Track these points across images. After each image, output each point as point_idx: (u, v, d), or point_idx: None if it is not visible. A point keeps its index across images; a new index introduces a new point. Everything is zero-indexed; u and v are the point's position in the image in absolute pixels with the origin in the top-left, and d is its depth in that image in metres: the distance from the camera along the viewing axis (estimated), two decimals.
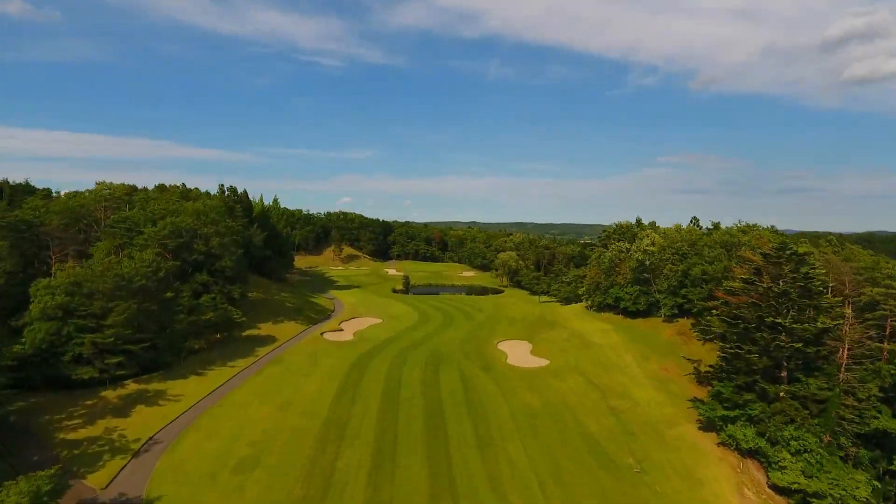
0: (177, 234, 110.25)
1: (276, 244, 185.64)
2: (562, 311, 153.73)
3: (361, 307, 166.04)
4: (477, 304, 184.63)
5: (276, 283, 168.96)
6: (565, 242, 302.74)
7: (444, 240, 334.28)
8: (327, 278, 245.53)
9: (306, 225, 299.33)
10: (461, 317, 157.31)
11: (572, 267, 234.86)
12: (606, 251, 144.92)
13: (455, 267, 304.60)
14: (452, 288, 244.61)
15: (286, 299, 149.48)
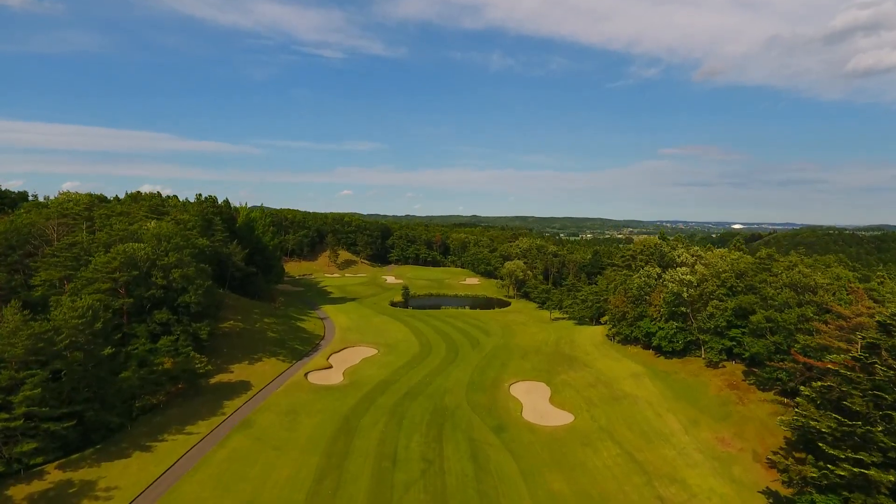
0: (131, 264, 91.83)
1: (262, 258, 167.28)
2: (580, 340, 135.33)
3: (355, 331, 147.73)
4: (483, 324, 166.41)
5: (259, 305, 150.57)
6: (575, 247, 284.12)
7: (445, 243, 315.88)
8: (320, 289, 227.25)
9: (300, 229, 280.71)
10: (466, 345, 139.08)
11: (583, 277, 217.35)
12: (633, 274, 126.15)
13: (457, 273, 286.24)
14: (455, 300, 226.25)
15: (269, 327, 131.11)
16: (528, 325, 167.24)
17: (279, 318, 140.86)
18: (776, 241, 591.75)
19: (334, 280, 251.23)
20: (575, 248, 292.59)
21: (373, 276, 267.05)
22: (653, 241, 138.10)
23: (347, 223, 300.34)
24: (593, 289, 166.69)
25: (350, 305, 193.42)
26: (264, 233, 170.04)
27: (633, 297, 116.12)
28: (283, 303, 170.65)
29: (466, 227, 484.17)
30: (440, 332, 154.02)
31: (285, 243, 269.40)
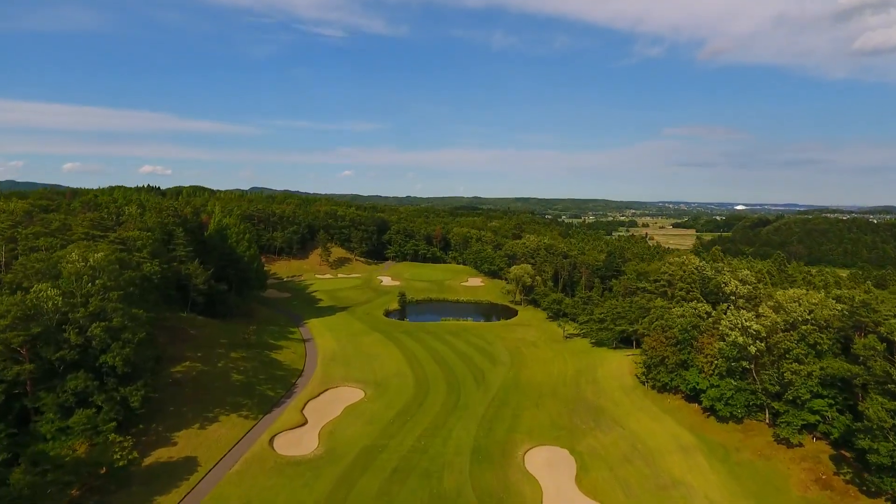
0: (33, 317, 69.55)
1: (236, 271, 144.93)
2: (604, 377, 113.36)
3: (340, 362, 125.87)
4: (488, 344, 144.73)
5: (229, 329, 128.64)
6: (586, 246, 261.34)
7: (446, 237, 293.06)
8: (309, 295, 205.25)
9: (289, 225, 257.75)
10: (469, 381, 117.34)
11: (597, 282, 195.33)
12: (671, 306, 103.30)
13: (459, 272, 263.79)
14: (456, 308, 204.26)
15: (235, 365, 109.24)
16: (540, 347, 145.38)
17: (250, 351, 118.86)
18: (787, 227, 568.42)
19: (326, 283, 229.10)
20: (586, 246, 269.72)
21: (368, 276, 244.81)
22: (692, 263, 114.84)
23: (341, 217, 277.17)
24: (612, 306, 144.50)
25: (340, 318, 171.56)
26: (238, 242, 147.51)
27: (674, 339, 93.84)
28: (260, 321, 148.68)
29: (468, 217, 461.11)
30: (439, 358, 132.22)
31: (272, 241, 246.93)
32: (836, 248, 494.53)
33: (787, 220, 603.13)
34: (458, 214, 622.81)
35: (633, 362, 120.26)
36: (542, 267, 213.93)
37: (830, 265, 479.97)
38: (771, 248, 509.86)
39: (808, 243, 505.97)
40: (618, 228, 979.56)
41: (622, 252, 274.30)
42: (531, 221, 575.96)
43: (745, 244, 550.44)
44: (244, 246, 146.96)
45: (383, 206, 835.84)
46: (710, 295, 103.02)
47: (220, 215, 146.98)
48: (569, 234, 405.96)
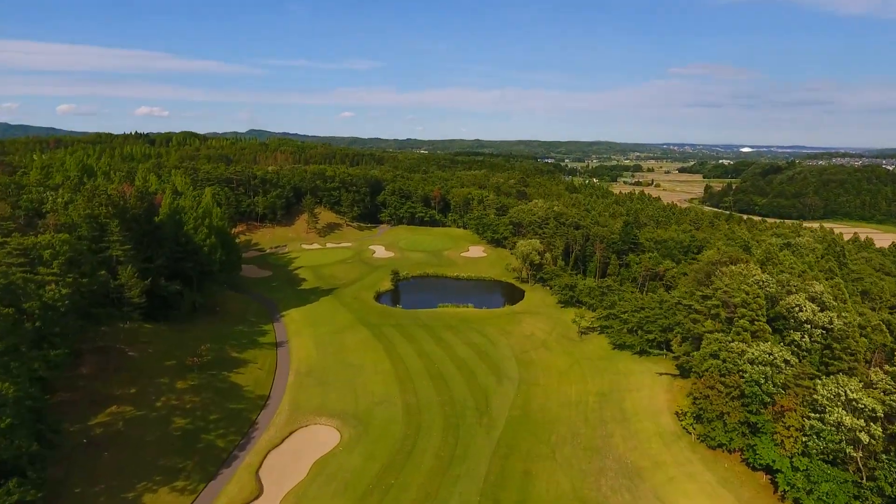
0: None
1: (195, 264, 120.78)
2: (635, 413, 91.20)
3: (316, 379, 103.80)
4: (491, 342, 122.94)
5: (178, 344, 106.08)
6: (598, 214, 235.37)
7: (445, 199, 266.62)
8: (291, 272, 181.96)
9: (273, 188, 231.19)
10: (471, 410, 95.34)
11: (613, 259, 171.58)
12: (731, 339, 78.64)
13: (459, 238, 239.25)
14: (456, 287, 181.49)
15: (180, 402, 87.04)
16: (552, 350, 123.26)
17: (203, 375, 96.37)
18: (802, 177, 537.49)
19: (313, 255, 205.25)
20: (597, 206, 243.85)
21: (359, 246, 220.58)
22: (751, 274, 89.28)
23: (330, 178, 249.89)
24: (636, 302, 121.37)
25: (323, 307, 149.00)
26: (197, 228, 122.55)
27: (737, 389, 70.77)
28: (227, 320, 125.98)
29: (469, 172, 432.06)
30: (434, 371, 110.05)
31: (254, 207, 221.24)
32: (853, 199, 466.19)
33: (802, 170, 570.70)
34: (458, 162, 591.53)
35: (669, 384, 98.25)
36: (551, 240, 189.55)
37: (847, 218, 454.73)
38: (785, 199, 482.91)
39: (823, 194, 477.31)
40: (622, 173, 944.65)
41: (636, 216, 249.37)
42: (535, 171, 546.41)
43: (758, 194, 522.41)
44: (203, 234, 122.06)
45: (381, 152, 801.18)
46: (776, 320, 79.45)
47: (170, 199, 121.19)
48: (576, 190, 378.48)
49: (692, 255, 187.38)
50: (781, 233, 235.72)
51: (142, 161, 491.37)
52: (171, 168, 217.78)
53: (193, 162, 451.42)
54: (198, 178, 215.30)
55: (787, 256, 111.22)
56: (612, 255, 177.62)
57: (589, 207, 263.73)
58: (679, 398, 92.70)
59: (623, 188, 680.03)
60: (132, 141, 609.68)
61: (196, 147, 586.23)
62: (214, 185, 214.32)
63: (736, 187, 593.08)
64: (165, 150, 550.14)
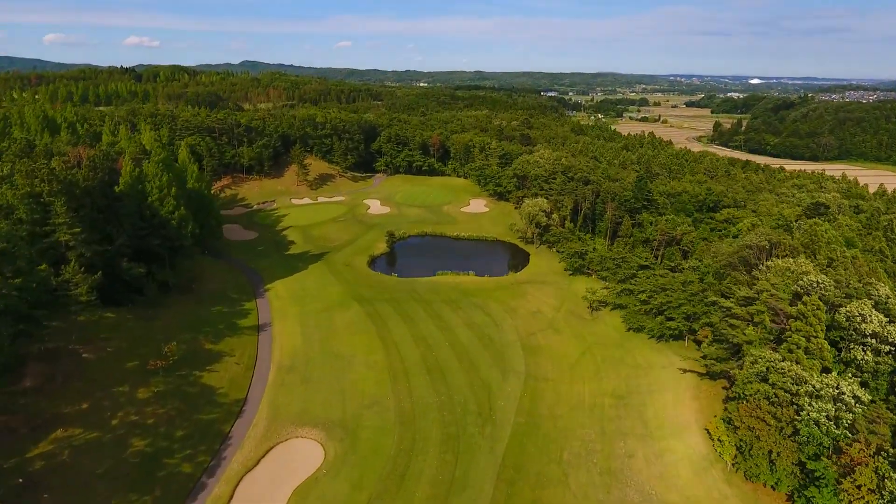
0: None
1: (162, 240, 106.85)
2: (658, 428, 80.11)
3: (299, 376, 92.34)
4: (495, 322, 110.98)
5: (149, 328, 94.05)
6: (609, 165, 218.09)
7: (444, 146, 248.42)
8: (279, 234, 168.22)
9: (259, 137, 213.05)
10: (472, 415, 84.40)
11: (626, 218, 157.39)
12: (782, 359, 65.03)
13: (459, 190, 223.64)
14: (457, 247, 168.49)
15: (140, 417, 75.54)
16: (561, 331, 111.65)
17: (170, 378, 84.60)
18: (817, 115, 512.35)
19: (302, 212, 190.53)
20: (608, 164, 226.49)
21: (353, 200, 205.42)
22: (801, 271, 75.02)
23: (321, 125, 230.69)
24: (656, 286, 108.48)
25: (312, 277, 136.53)
26: (163, 199, 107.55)
27: (790, 424, 58.82)
28: (203, 299, 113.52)
29: (470, 111, 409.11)
30: (431, 363, 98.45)
31: (239, 158, 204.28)
32: (870, 138, 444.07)
33: (817, 106, 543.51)
34: (459, 98, 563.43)
35: (695, 385, 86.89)
36: (558, 198, 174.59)
37: (862, 159, 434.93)
38: (798, 138, 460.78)
39: (839, 134, 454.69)
40: (628, 108, 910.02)
41: (648, 166, 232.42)
42: (538, 109, 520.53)
43: (769, 132, 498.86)
44: (170, 205, 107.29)
45: (379, 87, 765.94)
46: (831, 329, 66.51)
47: (129, 166, 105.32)
48: (582, 132, 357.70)
49: (708, 210, 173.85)
50: (802, 184, 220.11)
51: (127, 99, 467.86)
52: (146, 116, 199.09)
53: (180, 101, 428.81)
54: (176, 128, 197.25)
55: (829, 232, 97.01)
56: (624, 213, 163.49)
57: (597, 155, 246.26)
58: (708, 406, 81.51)
59: (629, 125, 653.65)
60: (118, 77, 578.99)
61: (185, 83, 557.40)
62: (195, 136, 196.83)
63: (746, 125, 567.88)
64: (153, 87, 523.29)
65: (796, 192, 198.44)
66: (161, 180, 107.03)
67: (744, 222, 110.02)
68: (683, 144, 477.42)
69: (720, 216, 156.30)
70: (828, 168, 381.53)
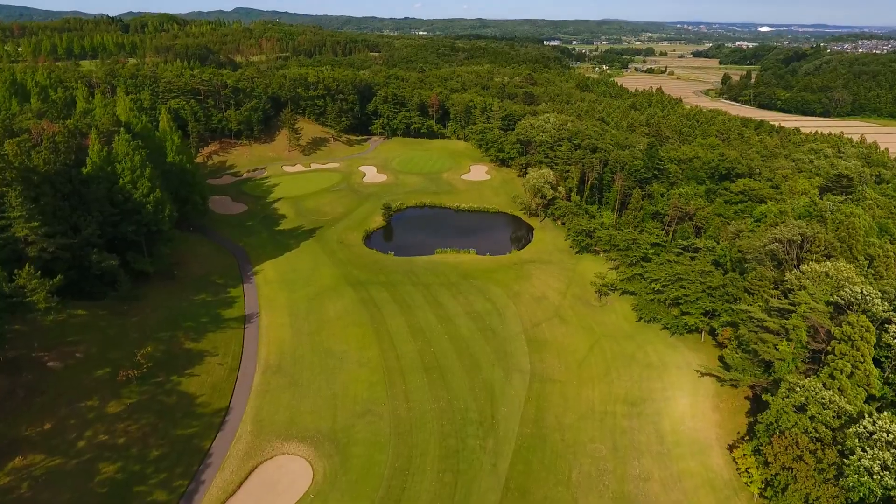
0: None
1: (136, 227, 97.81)
2: (676, 445, 73.38)
3: (287, 378, 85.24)
4: (499, 322, 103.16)
5: (125, 326, 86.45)
6: (618, 130, 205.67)
7: (444, 106, 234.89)
8: (270, 206, 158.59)
9: (247, 99, 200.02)
10: (473, 423, 77.72)
11: (636, 191, 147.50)
12: (823, 387, 56.69)
13: (459, 155, 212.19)
14: (457, 220, 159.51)
15: (110, 437, 68.56)
16: (568, 322, 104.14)
17: (144, 387, 77.35)
18: (831, 68, 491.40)
19: (295, 181, 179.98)
20: (616, 126, 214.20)
21: (348, 166, 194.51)
22: (843, 276, 65.58)
23: (312, 85, 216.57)
24: (671, 275, 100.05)
25: (303, 257, 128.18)
26: (136, 180, 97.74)
27: (833, 472, 51.46)
28: (186, 285, 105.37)
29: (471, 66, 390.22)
30: (429, 359, 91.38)
31: (226, 122, 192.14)
32: (885, 93, 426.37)
33: (830, 58, 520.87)
34: (459, 49, 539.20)
35: (714, 394, 79.87)
36: (564, 168, 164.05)
37: (876, 115, 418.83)
38: (811, 92, 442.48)
39: (853, 88, 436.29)
40: (633, 58, 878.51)
41: (658, 128, 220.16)
42: (541, 61, 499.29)
43: (780, 87, 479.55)
44: (144, 187, 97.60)
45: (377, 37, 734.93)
46: (879, 348, 58.54)
47: (96, 144, 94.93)
48: (588, 88, 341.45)
49: (721, 178, 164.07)
50: (819, 148, 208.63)
51: (113, 53, 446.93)
52: (125, 78, 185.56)
53: (168, 55, 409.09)
54: (158, 90, 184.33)
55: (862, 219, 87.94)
56: (634, 184, 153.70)
57: (604, 116, 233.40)
58: (730, 419, 74.68)
59: (635, 78, 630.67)
60: (104, 27, 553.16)
61: (174, 34, 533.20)
62: (179, 98, 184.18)
63: (756, 77, 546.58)
64: (140, 39, 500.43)
65: (814, 158, 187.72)
66: (133, 160, 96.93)
67: (768, 207, 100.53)
68: (691, 99, 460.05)
69: (735, 187, 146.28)
70: (841, 125, 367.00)
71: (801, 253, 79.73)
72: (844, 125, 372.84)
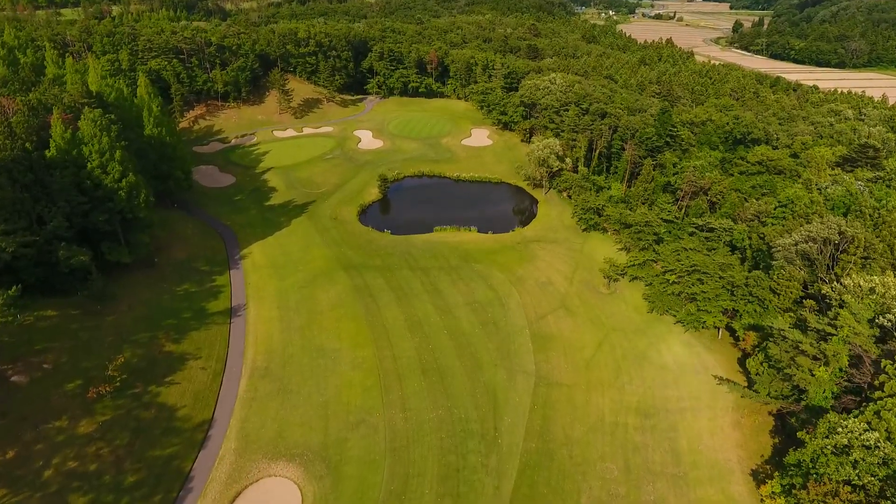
0: None
1: (108, 217, 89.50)
2: (691, 440, 67.90)
3: (275, 382, 79.18)
4: (501, 312, 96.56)
5: (99, 327, 79.71)
6: (630, 89, 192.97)
7: (443, 63, 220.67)
8: (259, 178, 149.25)
9: (234, 58, 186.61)
10: (475, 436, 72.14)
11: (647, 161, 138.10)
12: (888, 450, 50.50)
13: (460, 117, 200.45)
14: (457, 191, 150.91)
15: (80, 462, 62.74)
16: (576, 315, 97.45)
17: (119, 402, 71.14)
18: (848, 16, 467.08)
19: (286, 148, 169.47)
20: (624, 86, 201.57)
21: (342, 131, 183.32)
22: (893, 295, 58.50)
23: (303, 41, 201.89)
24: (688, 265, 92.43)
25: (294, 238, 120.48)
26: (106, 164, 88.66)
27: None
28: (166, 275, 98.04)
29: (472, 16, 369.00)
30: (427, 360, 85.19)
31: (212, 84, 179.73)
32: None
33: (848, 5, 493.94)
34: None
35: (735, 408, 73.90)
36: (571, 136, 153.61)
37: (894, 66, 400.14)
38: (826, 42, 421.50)
39: (871, 37, 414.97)
40: (640, 2, 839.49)
41: (670, 87, 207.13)
42: (545, 8, 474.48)
43: (795, 35, 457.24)
44: (115, 171, 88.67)
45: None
46: None
47: (59, 126, 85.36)
48: (594, 39, 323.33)
49: (735, 142, 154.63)
50: (839, 109, 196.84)
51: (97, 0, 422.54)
52: (101, 36, 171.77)
53: (154, 2, 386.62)
54: (137, 49, 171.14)
55: None
56: (644, 153, 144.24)
57: (612, 73, 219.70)
58: (752, 439, 68.88)
59: (643, 24, 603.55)
60: None
61: None
62: (160, 58, 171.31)
63: (769, 24, 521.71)
64: None
65: (834, 122, 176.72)
66: (101, 142, 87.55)
67: (795, 191, 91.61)
68: (701, 48, 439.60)
69: (753, 157, 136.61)
70: (857, 78, 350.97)
71: (836, 253, 72.05)
72: (861, 77, 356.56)
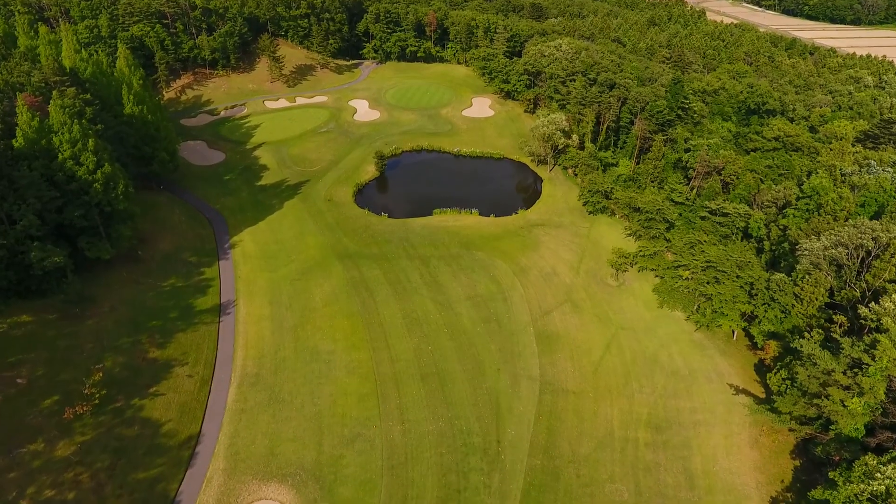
0: None
1: (84, 213, 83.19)
2: (706, 462, 63.87)
3: (265, 392, 74.74)
4: (503, 309, 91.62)
5: (79, 333, 74.78)
6: (633, 51, 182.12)
7: (443, 25, 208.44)
8: (248, 156, 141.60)
9: (221, 22, 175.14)
10: (476, 452, 68.12)
11: (658, 137, 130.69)
12: None
13: (460, 84, 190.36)
14: (457, 167, 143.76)
15: (58, 491, 58.75)
16: (582, 311, 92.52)
17: (98, 421, 66.68)
18: None
19: (278, 121, 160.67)
20: (636, 53, 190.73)
21: (337, 101, 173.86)
22: None
23: (294, 3, 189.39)
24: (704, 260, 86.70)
25: (287, 224, 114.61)
26: (79, 154, 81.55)
27: None
28: (150, 269, 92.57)
29: None
30: (427, 361, 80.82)
31: (199, 51, 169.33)
32: None
33: None
34: None
35: (752, 425, 69.57)
36: (578, 109, 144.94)
37: None
38: None
39: None
40: None
41: (681, 51, 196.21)
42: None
43: None
44: (90, 161, 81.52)
45: None
46: None
47: (27, 114, 77.82)
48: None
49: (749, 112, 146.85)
50: (858, 76, 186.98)
51: None
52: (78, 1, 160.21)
53: None
54: (118, 14, 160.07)
55: None
56: (655, 127, 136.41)
57: (620, 36, 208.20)
58: (771, 460, 64.74)
59: None
60: None
61: None
62: (142, 23, 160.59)
63: None
64: None
65: (854, 90, 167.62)
66: (72, 130, 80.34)
67: (821, 182, 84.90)
68: (710, 3, 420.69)
69: (769, 132, 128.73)
70: (873, 36, 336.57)
71: (868, 259, 66.32)
72: (878, 35, 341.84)
